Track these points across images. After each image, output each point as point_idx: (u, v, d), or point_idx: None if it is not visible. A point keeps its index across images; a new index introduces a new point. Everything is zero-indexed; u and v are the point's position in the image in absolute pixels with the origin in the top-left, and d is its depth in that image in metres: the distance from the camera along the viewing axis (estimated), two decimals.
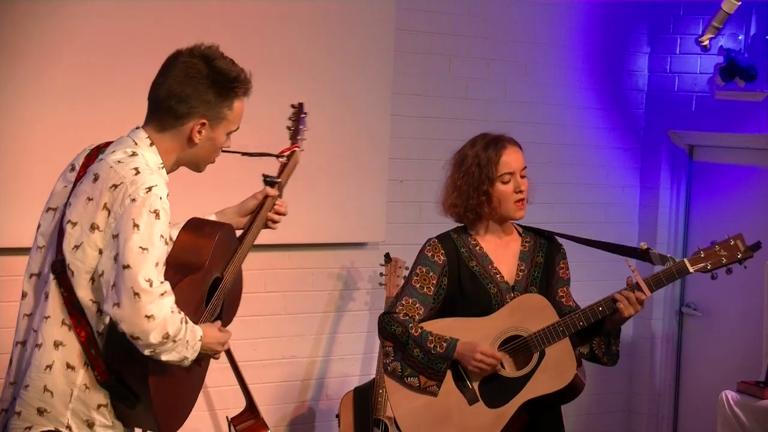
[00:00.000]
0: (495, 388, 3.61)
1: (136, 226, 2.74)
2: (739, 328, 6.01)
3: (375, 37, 5.35)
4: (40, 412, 2.85)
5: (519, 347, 3.63)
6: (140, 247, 2.73)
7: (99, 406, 2.86)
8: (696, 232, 6.32)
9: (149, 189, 2.79)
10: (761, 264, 5.54)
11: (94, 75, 4.66)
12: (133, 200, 2.77)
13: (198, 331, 2.86)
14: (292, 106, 3.61)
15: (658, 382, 6.35)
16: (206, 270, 2.95)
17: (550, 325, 3.61)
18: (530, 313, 3.64)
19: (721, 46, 5.87)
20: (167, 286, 2.76)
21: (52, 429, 2.85)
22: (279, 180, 3.33)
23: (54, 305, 2.86)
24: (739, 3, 5.63)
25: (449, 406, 3.63)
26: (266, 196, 3.28)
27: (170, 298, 2.75)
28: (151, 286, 2.71)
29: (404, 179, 5.57)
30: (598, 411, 6.33)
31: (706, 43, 5.87)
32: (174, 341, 2.75)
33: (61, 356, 2.85)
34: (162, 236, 2.78)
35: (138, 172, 2.82)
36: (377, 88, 5.37)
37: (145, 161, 2.88)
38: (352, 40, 5.28)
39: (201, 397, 5.04)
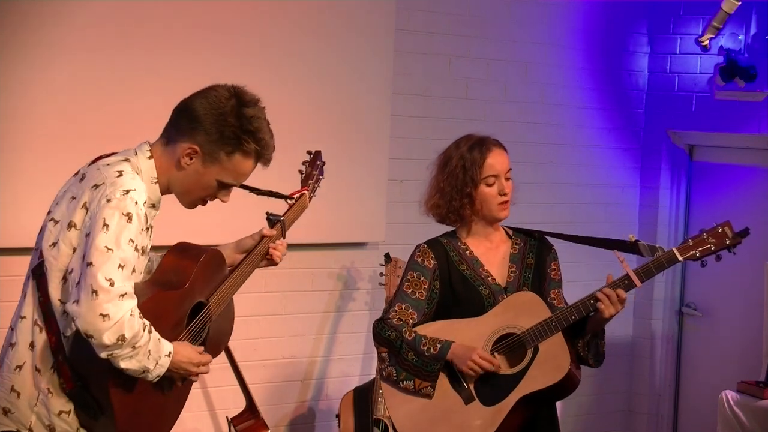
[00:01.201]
0: (490, 386, 3.61)
1: (105, 225, 2.72)
2: (739, 328, 6.01)
3: (375, 37, 5.35)
4: (5, 412, 2.85)
5: (513, 344, 3.63)
6: (105, 247, 2.70)
7: (60, 412, 2.83)
8: (696, 232, 6.31)
9: (126, 192, 2.76)
10: (761, 264, 5.55)
11: (94, 75, 4.65)
12: (108, 200, 2.75)
13: (167, 346, 2.81)
14: (308, 152, 3.61)
15: (658, 382, 6.35)
16: (188, 289, 2.93)
17: (542, 320, 3.61)
18: (522, 310, 3.63)
19: (721, 46, 5.87)
20: (129, 288, 2.72)
21: (14, 430, 2.84)
22: (282, 218, 3.31)
23: (30, 307, 2.86)
24: (739, 3, 5.63)
25: (446, 407, 3.64)
26: (263, 236, 3.26)
27: (131, 302, 2.71)
28: (111, 285, 2.67)
29: (404, 179, 5.57)
30: (598, 411, 6.33)
31: (706, 43, 5.88)
32: (133, 347, 2.70)
33: (32, 358, 2.84)
34: (132, 240, 2.74)
35: (120, 175, 2.81)
36: (377, 88, 5.37)
37: (135, 169, 2.86)
38: (352, 40, 5.28)
39: (201, 397, 5.05)
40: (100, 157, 2.95)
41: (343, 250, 5.44)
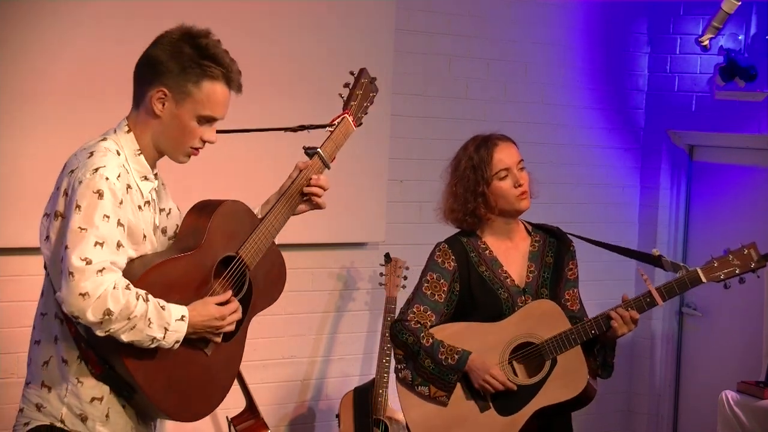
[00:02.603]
0: (507, 396, 3.59)
1: (77, 207, 2.71)
2: (739, 328, 6.00)
3: (375, 37, 5.35)
4: (38, 407, 2.86)
5: (531, 354, 3.62)
6: (79, 227, 2.69)
7: (93, 399, 2.83)
8: (696, 232, 6.32)
9: (96, 170, 2.75)
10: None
11: (93, 75, 4.66)
12: (80, 182, 2.74)
13: (177, 310, 2.78)
14: (351, 73, 3.45)
15: (658, 382, 6.35)
16: (204, 248, 2.89)
17: (561, 332, 3.59)
18: (542, 320, 3.62)
19: (721, 46, 5.87)
20: (107, 263, 2.68)
21: (48, 424, 2.84)
22: (318, 149, 3.22)
23: (49, 301, 2.86)
24: (739, 3, 5.63)
25: (461, 413, 3.62)
26: (300, 171, 3.18)
27: (112, 275, 2.68)
28: (88, 264, 2.65)
29: (404, 179, 5.57)
30: (598, 411, 6.33)
31: (706, 43, 5.87)
32: (128, 319, 2.67)
33: (57, 351, 2.84)
34: (107, 216, 2.71)
35: (91, 155, 2.79)
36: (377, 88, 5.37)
37: (113, 147, 2.84)
38: (352, 40, 5.27)
39: None
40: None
41: (343, 250, 5.44)
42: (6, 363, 4.61)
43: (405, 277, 5.15)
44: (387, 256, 5.20)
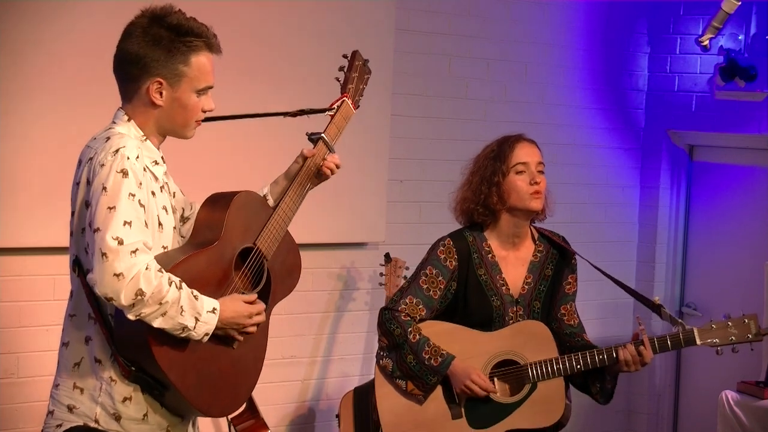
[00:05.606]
0: (481, 409, 3.60)
1: (104, 188, 2.71)
2: None
3: (375, 37, 5.35)
4: (70, 409, 2.85)
5: (512, 373, 3.62)
6: (108, 207, 2.69)
7: (124, 399, 2.84)
8: (696, 232, 6.32)
9: (116, 151, 2.75)
10: (761, 264, 5.54)
11: (94, 75, 4.65)
12: (102, 165, 2.74)
13: (209, 302, 2.79)
14: (344, 56, 3.49)
15: (658, 382, 6.35)
16: (222, 243, 2.89)
17: (548, 359, 3.59)
18: (531, 341, 3.61)
19: (721, 46, 5.87)
20: (141, 244, 2.68)
21: (81, 424, 2.84)
22: (321, 134, 3.23)
23: (79, 302, 2.86)
24: (739, 3, 5.63)
25: (432, 416, 3.62)
26: (305, 158, 3.19)
27: (145, 256, 2.68)
28: (120, 244, 2.65)
29: (404, 179, 5.57)
30: (598, 411, 6.32)
31: (706, 43, 5.88)
32: (159, 303, 2.66)
33: (90, 351, 2.84)
34: (132, 195, 2.72)
35: (108, 139, 2.80)
36: (377, 88, 5.36)
37: (126, 132, 2.85)
38: (352, 40, 5.27)
39: None
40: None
41: (343, 250, 5.44)
42: (6, 363, 4.61)
43: (405, 277, 5.15)
44: (387, 256, 5.20)
